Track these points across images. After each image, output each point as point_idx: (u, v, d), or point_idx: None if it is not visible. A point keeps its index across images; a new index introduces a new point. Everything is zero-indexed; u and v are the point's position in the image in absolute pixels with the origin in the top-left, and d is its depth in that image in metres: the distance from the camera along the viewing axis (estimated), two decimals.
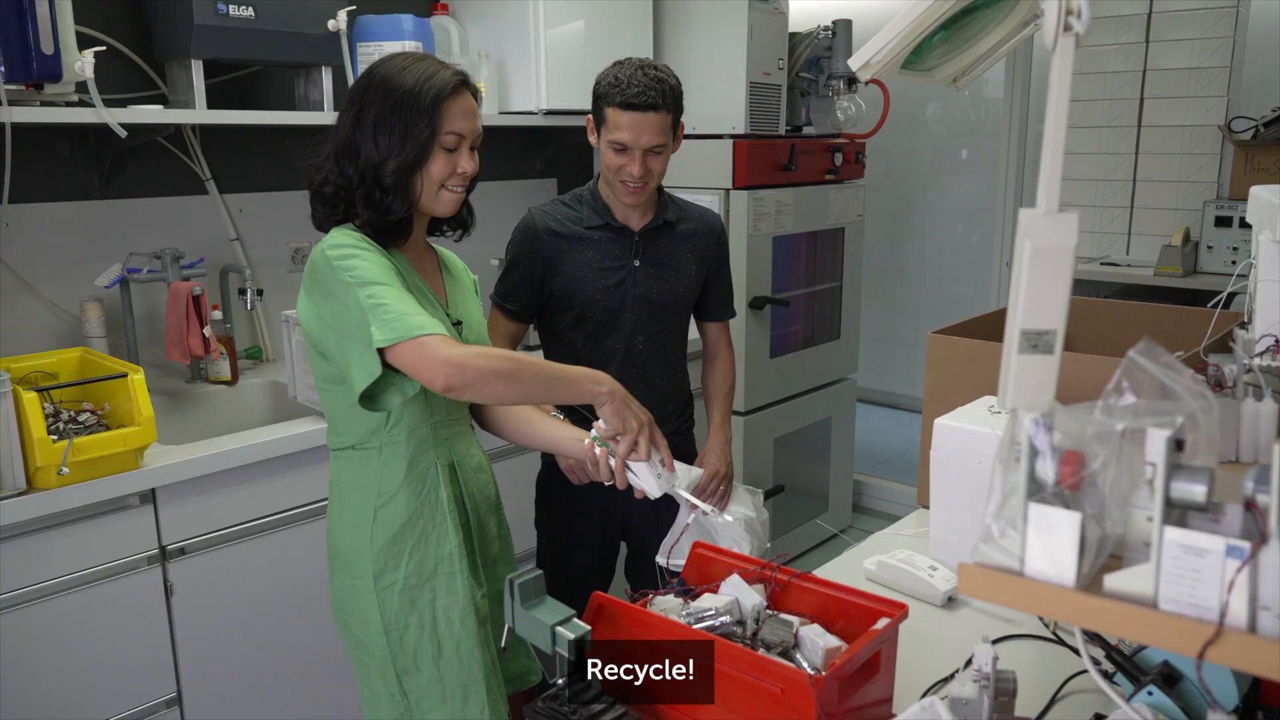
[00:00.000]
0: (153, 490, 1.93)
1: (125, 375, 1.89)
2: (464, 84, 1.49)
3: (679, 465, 1.84)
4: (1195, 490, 0.72)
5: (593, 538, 2.19)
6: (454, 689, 1.53)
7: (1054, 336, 0.86)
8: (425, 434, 1.54)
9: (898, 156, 4.92)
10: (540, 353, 2.18)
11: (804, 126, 3.47)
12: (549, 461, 2.17)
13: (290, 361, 2.30)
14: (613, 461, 1.49)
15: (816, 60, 3.39)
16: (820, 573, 1.47)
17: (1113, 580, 0.75)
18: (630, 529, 2.21)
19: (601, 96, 1.94)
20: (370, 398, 1.43)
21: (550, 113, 2.92)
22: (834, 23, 3.36)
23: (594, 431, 1.51)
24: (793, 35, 3.35)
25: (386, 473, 1.52)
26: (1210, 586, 0.71)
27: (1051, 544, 0.77)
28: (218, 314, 2.53)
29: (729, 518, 1.96)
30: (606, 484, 1.52)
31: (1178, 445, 0.73)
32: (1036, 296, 0.84)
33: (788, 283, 3.42)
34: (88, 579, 1.86)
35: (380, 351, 1.35)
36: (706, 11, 3.14)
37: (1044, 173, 0.84)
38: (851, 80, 3.39)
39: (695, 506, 1.87)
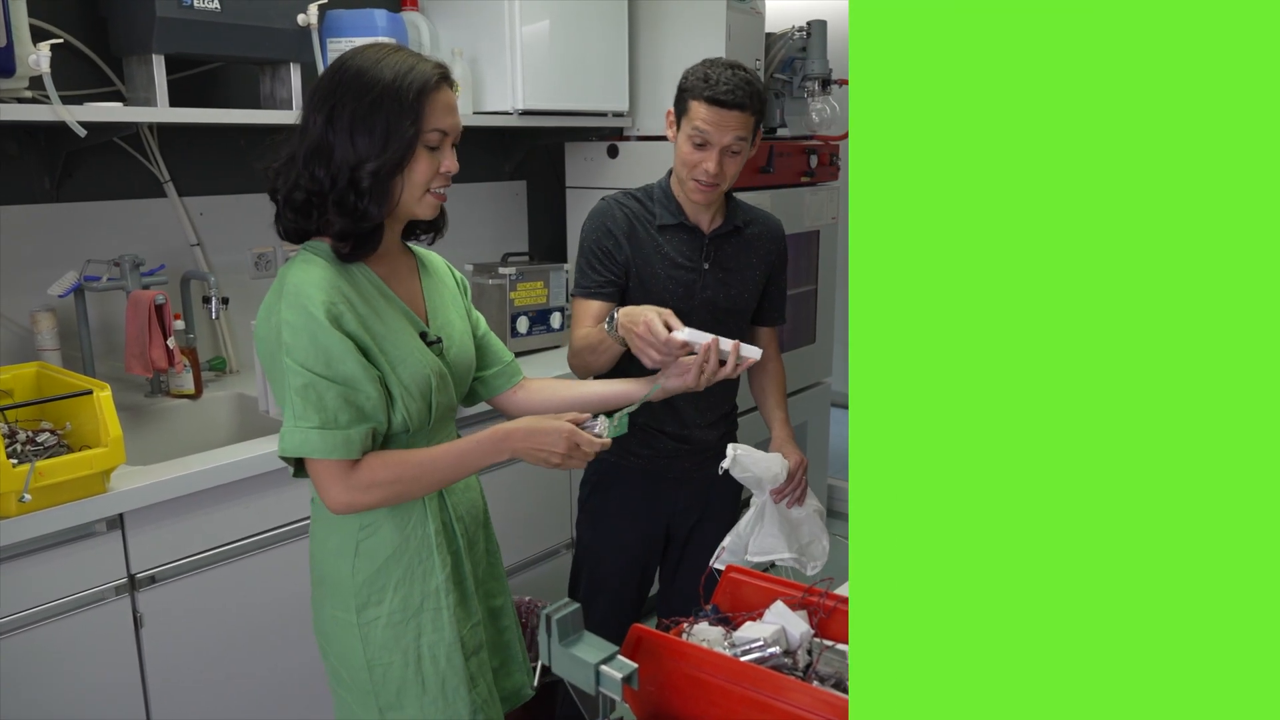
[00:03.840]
0: (120, 515, 1.80)
1: (90, 392, 1.75)
2: (445, 77, 1.38)
3: (772, 456, 1.84)
4: None
5: (635, 547, 2.13)
6: None
7: None
8: None
9: None
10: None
11: (778, 128, 3.41)
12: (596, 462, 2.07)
13: (261, 374, 2.18)
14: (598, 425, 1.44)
15: (791, 61, 3.34)
16: (841, 591, 1.41)
17: None
18: (673, 533, 2.15)
19: (688, 90, 1.88)
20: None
21: (526, 113, 2.83)
22: (809, 23, 3.31)
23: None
24: (767, 36, 3.29)
25: None
26: None
27: None
28: (180, 324, 2.39)
29: (810, 508, 1.92)
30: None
31: None
32: None
33: None
34: (52, 612, 1.73)
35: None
36: (683, 11, 3.07)
37: None
38: (826, 82, 3.35)
39: (784, 496, 1.87)
